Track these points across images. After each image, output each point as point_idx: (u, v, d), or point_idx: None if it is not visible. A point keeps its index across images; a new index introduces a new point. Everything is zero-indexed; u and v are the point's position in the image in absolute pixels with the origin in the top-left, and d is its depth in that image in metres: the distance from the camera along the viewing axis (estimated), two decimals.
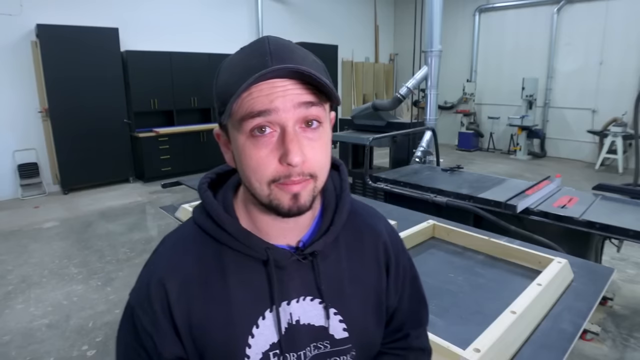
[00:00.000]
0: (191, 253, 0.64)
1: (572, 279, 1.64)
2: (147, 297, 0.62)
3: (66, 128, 6.13)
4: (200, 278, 0.63)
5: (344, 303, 0.68)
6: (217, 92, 0.59)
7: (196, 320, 0.61)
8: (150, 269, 0.65)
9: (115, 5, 6.77)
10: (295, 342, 0.65)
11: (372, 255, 0.73)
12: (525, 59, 9.34)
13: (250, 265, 0.64)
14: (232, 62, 0.59)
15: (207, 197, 0.66)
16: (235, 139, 0.58)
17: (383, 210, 2.56)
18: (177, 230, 0.69)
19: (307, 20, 9.71)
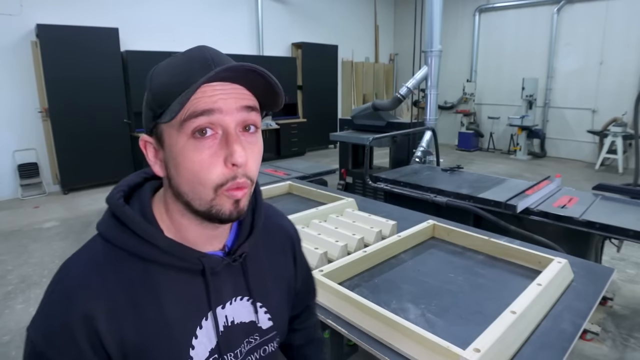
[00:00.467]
0: (110, 275, 0.58)
1: (572, 279, 1.64)
2: (69, 336, 0.55)
3: (66, 128, 6.13)
4: (129, 302, 0.58)
5: (267, 296, 0.73)
6: (154, 94, 0.58)
7: (131, 346, 0.58)
8: (62, 303, 0.57)
9: (115, 5, 6.78)
10: (231, 343, 0.67)
11: (282, 249, 0.80)
12: (525, 58, 9.34)
13: (181, 278, 0.62)
14: (170, 67, 0.59)
15: (127, 212, 0.61)
16: (174, 143, 0.56)
17: (383, 210, 2.57)
18: (81, 253, 0.62)
19: (307, 20, 9.71)
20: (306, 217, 2.25)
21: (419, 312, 1.44)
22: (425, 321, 1.38)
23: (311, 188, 2.91)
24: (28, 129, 6.22)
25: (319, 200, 2.79)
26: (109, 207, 0.64)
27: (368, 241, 2.03)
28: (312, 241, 1.94)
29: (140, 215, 0.62)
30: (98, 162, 6.50)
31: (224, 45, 8.17)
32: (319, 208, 2.41)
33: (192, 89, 0.52)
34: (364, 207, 2.56)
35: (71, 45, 5.99)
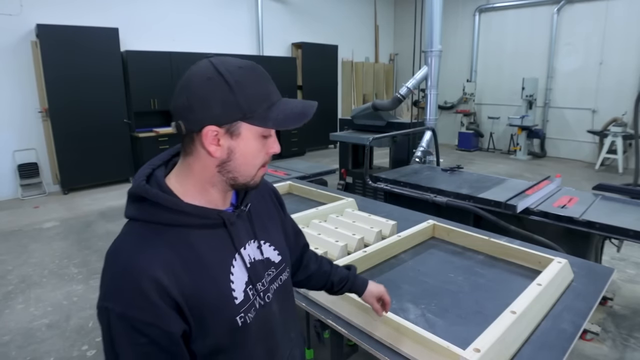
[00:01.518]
0: (158, 243, 0.75)
1: (572, 279, 1.64)
2: (141, 295, 0.69)
3: (66, 128, 6.13)
4: (176, 260, 0.74)
5: (271, 235, 0.95)
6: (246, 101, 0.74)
7: (188, 292, 0.74)
8: (129, 273, 0.71)
9: (115, 5, 6.77)
10: (258, 275, 0.87)
11: (269, 199, 1.04)
12: (525, 58, 9.34)
13: (208, 233, 0.80)
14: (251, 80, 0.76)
15: (159, 194, 0.76)
16: (249, 138, 0.77)
17: (383, 210, 2.57)
18: (123, 237, 0.77)
19: (307, 20, 9.71)
20: (306, 217, 2.25)
21: (419, 312, 1.44)
22: (425, 321, 1.38)
23: (311, 188, 2.91)
24: (28, 129, 6.22)
25: (319, 200, 2.79)
26: (136, 194, 0.77)
27: (368, 241, 2.03)
28: (312, 241, 1.94)
29: (164, 193, 0.77)
30: (98, 162, 6.50)
31: (224, 45, 8.18)
32: (319, 208, 2.41)
33: (294, 124, 0.79)
34: (364, 207, 2.57)
35: (71, 45, 5.99)
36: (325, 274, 1.19)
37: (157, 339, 0.71)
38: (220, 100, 0.73)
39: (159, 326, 0.71)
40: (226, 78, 0.73)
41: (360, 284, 1.20)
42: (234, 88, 0.73)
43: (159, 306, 0.70)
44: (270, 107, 0.77)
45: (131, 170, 6.99)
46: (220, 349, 0.80)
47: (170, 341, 0.72)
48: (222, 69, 0.74)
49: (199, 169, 0.79)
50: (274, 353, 0.91)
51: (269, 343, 0.90)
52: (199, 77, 0.74)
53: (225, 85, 0.73)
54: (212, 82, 0.73)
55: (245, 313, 0.82)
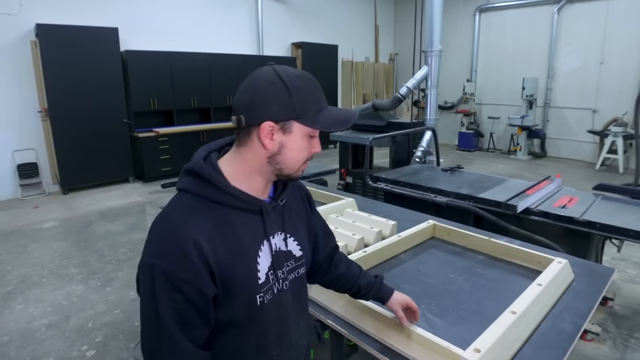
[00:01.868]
0: (205, 215, 0.86)
1: (572, 279, 1.64)
2: (184, 254, 0.81)
3: (66, 128, 6.13)
4: (217, 232, 0.86)
5: (297, 231, 1.05)
6: (299, 103, 0.86)
7: (222, 262, 0.85)
8: (174, 234, 0.82)
9: (115, 5, 6.77)
10: (279, 263, 0.97)
11: (301, 200, 1.12)
12: (525, 58, 9.34)
13: (246, 216, 0.92)
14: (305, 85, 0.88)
15: (213, 174, 0.88)
16: (298, 136, 0.89)
17: (383, 210, 2.57)
18: (173, 205, 0.89)
19: (307, 20, 9.71)
20: None
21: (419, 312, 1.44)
22: (426, 321, 1.38)
23: (311, 188, 2.91)
24: (27, 128, 6.22)
25: (319, 200, 2.78)
26: (193, 170, 0.89)
27: (368, 241, 2.02)
28: None
29: (217, 174, 0.89)
30: (98, 162, 6.50)
31: (224, 45, 8.18)
32: (319, 208, 2.40)
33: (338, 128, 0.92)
34: (364, 207, 2.56)
35: (71, 44, 5.99)
36: (354, 276, 1.23)
37: (191, 297, 0.81)
38: (279, 101, 0.85)
39: (196, 286, 0.81)
40: (286, 83, 0.86)
41: (387, 291, 1.25)
42: (292, 92, 0.86)
43: (198, 268, 0.81)
44: (319, 112, 0.89)
45: (131, 170, 6.99)
46: (237, 322, 0.90)
47: (203, 301, 0.83)
48: (283, 76, 0.86)
49: (251, 158, 0.91)
50: (283, 337, 1.00)
51: (280, 327, 0.99)
52: (262, 80, 0.87)
53: (285, 89, 0.85)
54: (274, 86, 0.86)
55: (264, 293, 0.92)
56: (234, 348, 0.93)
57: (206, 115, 7.91)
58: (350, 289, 1.24)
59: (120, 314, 3.08)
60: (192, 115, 7.78)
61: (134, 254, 4.14)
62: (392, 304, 1.23)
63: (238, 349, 0.93)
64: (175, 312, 0.82)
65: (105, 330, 2.88)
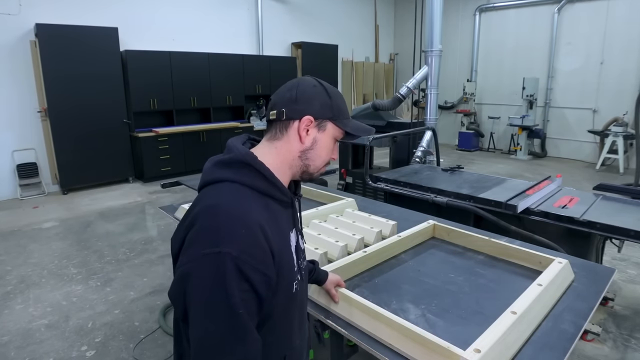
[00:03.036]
0: (257, 204, 0.88)
1: (572, 279, 1.63)
2: (254, 239, 0.81)
3: (65, 128, 6.12)
4: (270, 219, 0.88)
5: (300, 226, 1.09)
6: (337, 108, 0.98)
7: (277, 248, 0.87)
8: (240, 220, 0.81)
9: (115, 4, 6.77)
10: (299, 253, 1.03)
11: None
12: (525, 58, 9.34)
13: (281, 207, 0.96)
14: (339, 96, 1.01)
15: (265, 166, 0.92)
16: (328, 136, 0.99)
17: (383, 210, 2.56)
18: (227, 194, 0.87)
19: (307, 20, 9.71)
20: (306, 217, 2.24)
21: (419, 312, 1.43)
22: (426, 321, 1.37)
23: (311, 188, 2.91)
24: (27, 128, 6.22)
25: (319, 200, 2.78)
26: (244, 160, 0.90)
27: (368, 241, 2.02)
28: (312, 241, 1.93)
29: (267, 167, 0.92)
30: (97, 162, 6.50)
31: (224, 45, 8.17)
32: (319, 208, 2.40)
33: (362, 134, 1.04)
34: (364, 207, 2.56)
35: (70, 44, 5.98)
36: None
37: (258, 285, 0.80)
38: (320, 101, 0.96)
39: (264, 272, 0.82)
40: (327, 89, 0.98)
41: (323, 274, 1.43)
42: (331, 96, 0.98)
43: (267, 253, 0.83)
44: (348, 118, 1.01)
45: (131, 171, 6.99)
46: (275, 312, 0.90)
47: (268, 288, 0.83)
48: (324, 84, 1.00)
49: (285, 151, 0.96)
50: (303, 325, 1.06)
51: (302, 315, 1.05)
52: (306, 83, 0.97)
53: (326, 93, 0.97)
54: (316, 89, 0.97)
55: (297, 282, 0.97)
56: (269, 339, 0.90)
57: (206, 115, 7.90)
58: None
59: (120, 314, 3.08)
60: (192, 115, 7.78)
61: (134, 254, 4.14)
62: (327, 286, 1.43)
63: (272, 338, 0.91)
64: (245, 303, 0.78)
65: (104, 331, 2.88)
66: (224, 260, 0.76)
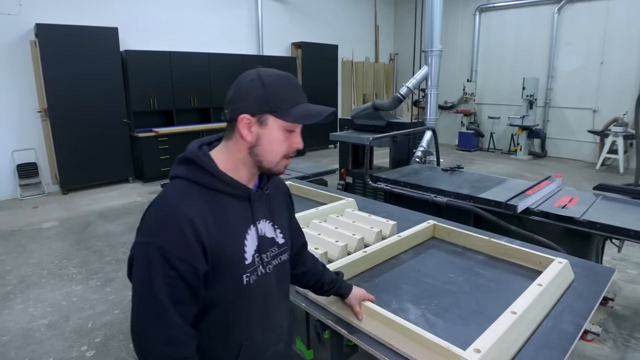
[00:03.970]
0: (198, 198, 0.93)
1: (572, 279, 1.63)
2: (180, 232, 0.87)
3: (65, 128, 6.12)
4: (210, 213, 0.93)
5: (280, 222, 1.13)
6: (272, 97, 0.94)
7: (214, 241, 0.91)
8: (171, 214, 0.89)
9: (115, 4, 6.77)
10: (264, 247, 1.04)
11: (283, 196, 1.21)
12: (525, 58, 9.34)
13: (236, 202, 0.99)
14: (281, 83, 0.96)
15: (208, 161, 0.96)
16: (274, 129, 0.96)
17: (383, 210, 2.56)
18: (170, 189, 0.96)
19: (307, 20, 9.71)
20: (306, 217, 2.24)
21: (419, 312, 1.43)
22: (426, 321, 1.37)
23: (311, 188, 2.91)
24: (27, 128, 6.22)
25: (319, 200, 2.78)
26: (189, 158, 0.96)
27: (368, 241, 2.02)
28: (312, 241, 1.93)
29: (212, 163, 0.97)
30: (97, 162, 6.50)
31: (224, 45, 8.17)
32: (319, 208, 2.40)
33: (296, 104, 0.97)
34: (364, 207, 2.56)
35: (70, 44, 5.98)
36: (319, 273, 1.33)
37: (184, 274, 0.87)
38: (255, 96, 0.94)
39: (190, 262, 0.87)
40: (263, 80, 0.94)
41: (346, 287, 1.37)
42: (266, 88, 0.94)
43: (192, 245, 0.87)
44: (293, 107, 0.95)
45: (131, 170, 6.99)
46: (224, 301, 0.96)
47: (195, 278, 0.88)
48: (262, 75, 0.95)
49: (235, 150, 0.98)
50: (266, 318, 1.07)
51: (263, 308, 1.06)
52: (244, 79, 0.96)
53: (261, 85, 0.94)
54: (252, 83, 0.94)
55: (250, 274, 0.99)
56: (220, 326, 0.98)
57: (206, 115, 7.91)
58: (314, 285, 1.34)
59: (120, 314, 3.08)
60: (192, 115, 7.78)
61: None
62: (350, 300, 1.36)
63: (223, 327, 0.99)
64: (169, 288, 0.86)
65: (105, 331, 2.88)
66: (150, 249, 0.86)
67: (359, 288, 1.39)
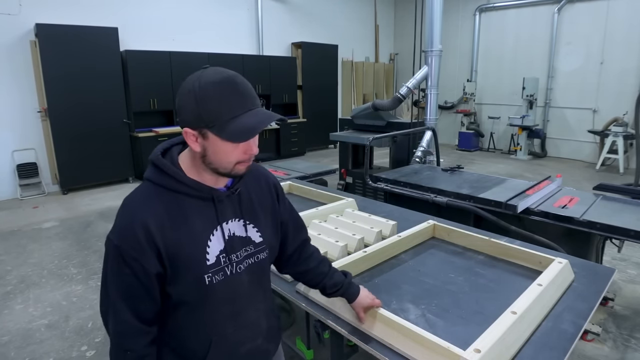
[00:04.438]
0: (158, 201, 0.96)
1: (572, 279, 1.63)
2: (133, 234, 0.91)
3: (65, 128, 6.12)
4: (169, 215, 0.95)
5: (257, 219, 1.10)
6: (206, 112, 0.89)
7: (170, 243, 0.94)
8: (128, 217, 0.94)
9: (115, 4, 6.77)
10: (233, 247, 1.03)
11: (267, 190, 1.17)
12: (525, 58, 9.33)
13: (199, 204, 0.99)
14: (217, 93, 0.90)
15: (167, 164, 0.97)
16: (217, 143, 0.92)
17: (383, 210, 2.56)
18: (136, 191, 0.99)
19: (307, 20, 9.71)
20: (306, 217, 2.24)
21: (419, 312, 1.43)
22: (426, 321, 1.37)
23: (311, 188, 2.91)
24: (27, 128, 6.22)
25: (319, 200, 2.78)
26: (152, 161, 0.99)
27: (368, 241, 2.02)
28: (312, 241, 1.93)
29: (172, 165, 0.98)
30: (97, 162, 6.50)
31: (224, 45, 8.18)
32: (319, 208, 2.40)
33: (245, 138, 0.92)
34: (364, 207, 2.56)
35: (70, 44, 5.98)
36: (321, 274, 1.28)
37: (137, 273, 0.92)
38: (190, 110, 0.91)
39: (141, 263, 0.91)
40: (195, 94, 0.90)
41: (353, 292, 1.30)
42: (199, 102, 0.89)
43: (143, 247, 0.91)
44: (231, 119, 0.90)
45: (131, 170, 6.99)
46: (188, 300, 0.99)
47: (147, 277, 0.92)
48: (198, 84, 0.90)
49: (192, 156, 0.99)
50: (238, 316, 1.07)
51: (234, 306, 1.06)
52: (183, 89, 0.93)
53: (194, 99, 0.89)
54: (187, 96, 0.91)
55: (213, 274, 0.99)
56: (188, 323, 1.02)
57: None
58: (315, 286, 1.31)
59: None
60: None
61: None
62: (355, 306, 1.31)
63: (192, 324, 1.02)
64: (122, 285, 0.93)
65: (104, 331, 2.87)
66: (110, 246, 0.94)
67: (367, 293, 1.32)
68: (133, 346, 0.96)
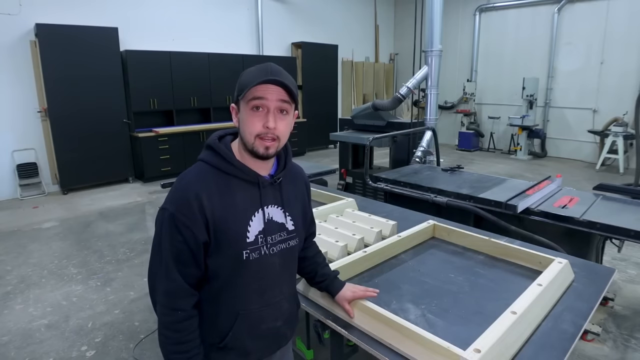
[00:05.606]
0: (210, 178, 1.09)
1: (572, 279, 1.63)
2: (187, 204, 1.03)
3: (65, 128, 6.12)
4: (218, 192, 1.07)
5: (292, 209, 1.22)
6: (239, 84, 1.07)
7: (218, 216, 1.05)
8: (184, 189, 1.06)
9: (115, 4, 6.77)
10: (270, 230, 1.15)
11: (301, 186, 1.30)
12: (525, 58, 9.34)
13: (246, 186, 1.12)
14: (249, 72, 1.08)
15: (222, 147, 1.11)
16: (242, 111, 1.08)
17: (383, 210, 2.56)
18: (191, 169, 1.12)
19: (307, 20, 9.71)
20: None
21: (419, 312, 1.43)
22: (426, 321, 1.37)
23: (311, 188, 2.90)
24: (27, 128, 6.21)
25: (319, 200, 2.78)
26: (209, 144, 1.13)
27: (368, 241, 2.02)
28: None
29: (229, 150, 1.12)
30: (97, 162, 6.49)
31: (224, 45, 8.17)
32: (319, 208, 2.40)
33: (252, 84, 1.03)
34: (364, 207, 2.56)
35: (70, 44, 5.98)
36: (316, 264, 1.43)
37: (188, 240, 1.03)
38: (235, 88, 1.09)
39: (192, 230, 1.03)
40: (239, 77, 1.10)
41: (336, 287, 1.41)
42: (239, 79, 1.09)
43: (196, 216, 1.03)
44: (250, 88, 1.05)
45: (131, 171, 6.99)
46: (224, 271, 1.09)
47: (196, 244, 1.04)
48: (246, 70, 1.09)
49: (240, 144, 1.13)
50: (264, 293, 1.16)
51: (261, 284, 1.15)
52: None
53: (238, 81, 1.10)
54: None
55: (251, 251, 1.10)
56: (220, 294, 1.12)
57: (206, 115, 7.91)
58: (308, 274, 1.43)
59: (120, 314, 3.08)
60: (192, 115, 7.78)
61: (134, 254, 4.14)
62: (338, 299, 1.40)
63: (222, 297, 1.12)
64: (174, 249, 1.04)
65: (104, 331, 2.88)
66: (165, 215, 1.05)
67: (352, 288, 1.41)
68: (184, 306, 1.06)
